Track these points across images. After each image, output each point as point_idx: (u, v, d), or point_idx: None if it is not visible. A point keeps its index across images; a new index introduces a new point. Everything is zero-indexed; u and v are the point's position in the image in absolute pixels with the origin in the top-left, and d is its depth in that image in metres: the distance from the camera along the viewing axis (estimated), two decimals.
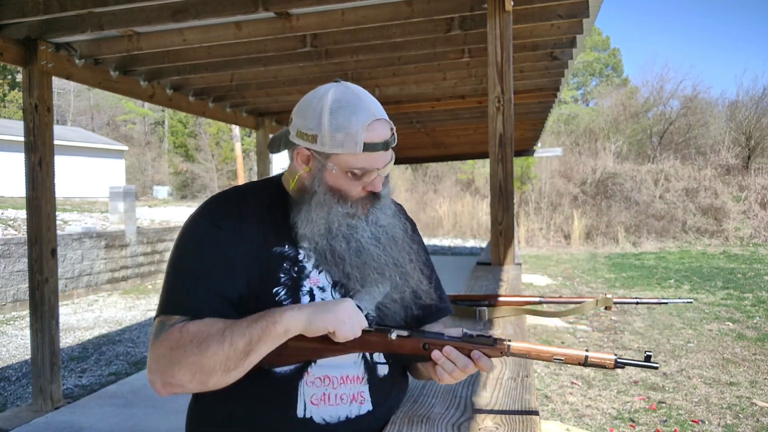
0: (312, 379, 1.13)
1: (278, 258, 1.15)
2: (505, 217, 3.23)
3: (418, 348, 1.10)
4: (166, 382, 1.03)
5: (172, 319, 1.07)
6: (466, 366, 1.09)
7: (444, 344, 1.09)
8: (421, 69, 5.80)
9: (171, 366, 1.02)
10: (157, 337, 1.05)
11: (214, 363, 1.00)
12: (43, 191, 4.29)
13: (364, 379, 1.17)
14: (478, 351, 1.09)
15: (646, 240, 19.28)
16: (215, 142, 32.72)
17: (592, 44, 33.82)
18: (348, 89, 1.14)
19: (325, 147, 1.11)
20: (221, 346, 1.01)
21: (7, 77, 29.50)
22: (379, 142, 1.11)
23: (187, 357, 1.01)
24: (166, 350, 1.03)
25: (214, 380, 1.02)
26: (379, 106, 1.16)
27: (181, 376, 1.01)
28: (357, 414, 1.15)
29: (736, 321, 7.75)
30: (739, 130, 23.31)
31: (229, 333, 1.02)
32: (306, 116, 1.14)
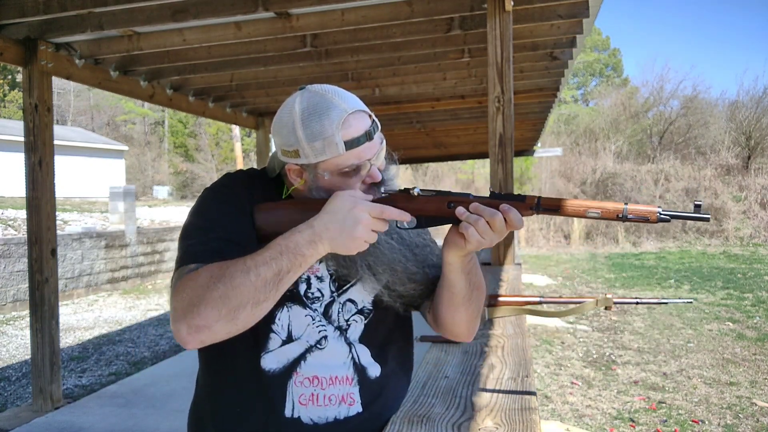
0: (300, 379, 1.12)
1: None
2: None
3: (443, 207, 1.05)
4: (192, 325, 0.95)
5: (188, 267, 1.02)
6: (493, 216, 1.00)
7: (470, 201, 1.03)
8: (421, 69, 5.80)
9: (196, 306, 0.95)
10: (176, 285, 1.01)
11: (242, 296, 0.95)
12: (43, 191, 4.29)
13: (353, 380, 1.16)
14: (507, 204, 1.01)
15: (646, 240, 19.29)
16: (215, 142, 32.73)
17: (592, 44, 33.83)
18: (313, 94, 1.11)
19: (309, 158, 1.10)
20: (247, 277, 0.96)
21: (7, 77, 29.50)
22: (360, 135, 1.09)
23: (212, 292, 0.95)
24: (189, 292, 0.97)
25: (244, 315, 0.96)
26: (351, 98, 1.12)
27: (208, 313, 0.94)
28: (346, 415, 1.14)
29: (736, 321, 7.75)
30: (739, 130, 23.31)
31: (252, 264, 0.97)
32: (282, 134, 1.12)
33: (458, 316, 1.18)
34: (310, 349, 1.15)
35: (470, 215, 1.01)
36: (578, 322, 7.66)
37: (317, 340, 1.15)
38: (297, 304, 1.15)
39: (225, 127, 29.37)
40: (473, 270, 1.14)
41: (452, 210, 1.03)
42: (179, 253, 1.08)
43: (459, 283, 1.13)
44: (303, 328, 1.15)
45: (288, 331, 1.14)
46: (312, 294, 1.15)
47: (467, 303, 1.16)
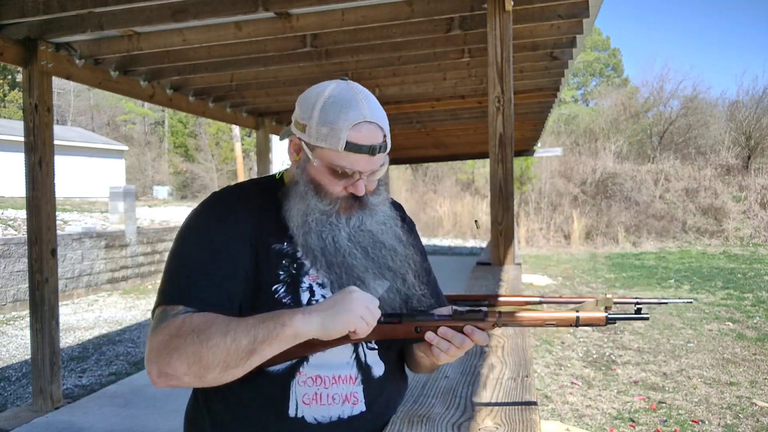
0: (304, 378, 1.12)
1: (277, 255, 1.15)
2: (505, 217, 3.23)
3: (411, 331, 1.10)
4: (162, 371, 0.99)
5: (175, 308, 1.04)
6: (462, 342, 1.08)
7: (436, 325, 1.09)
8: (421, 69, 5.80)
9: (169, 354, 0.98)
10: (158, 326, 1.02)
11: (213, 357, 0.97)
12: (43, 191, 4.29)
13: (357, 379, 1.16)
14: (471, 326, 1.09)
15: (646, 240, 19.29)
16: (215, 142, 32.73)
17: (592, 44, 33.83)
18: (349, 87, 1.14)
19: (311, 138, 1.12)
20: (224, 340, 0.97)
21: (7, 77, 29.50)
22: (364, 144, 1.10)
23: (187, 346, 0.97)
24: (166, 337, 0.99)
25: (212, 376, 0.99)
26: (378, 110, 1.14)
27: (178, 366, 0.97)
28: (350, 414, 1.15)
29: (736, 321, 7.75)
30: (739, 130, 23.31)
31: (233, 328, 0.99)
32: (302, 106, 1.15)
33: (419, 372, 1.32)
34: None
35: (440, 342, 1.08)
36: None
37: None
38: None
39: (225, 127, 29.37)
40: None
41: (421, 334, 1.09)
42: (165, 283, 1.10)
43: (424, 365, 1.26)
44: None
45: None
46: (316, 301, 1.14)
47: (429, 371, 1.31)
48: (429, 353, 1.12)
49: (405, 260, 1.21)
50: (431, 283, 1.34)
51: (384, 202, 1.22)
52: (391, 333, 1.10)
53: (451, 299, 2.06)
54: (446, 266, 11.63)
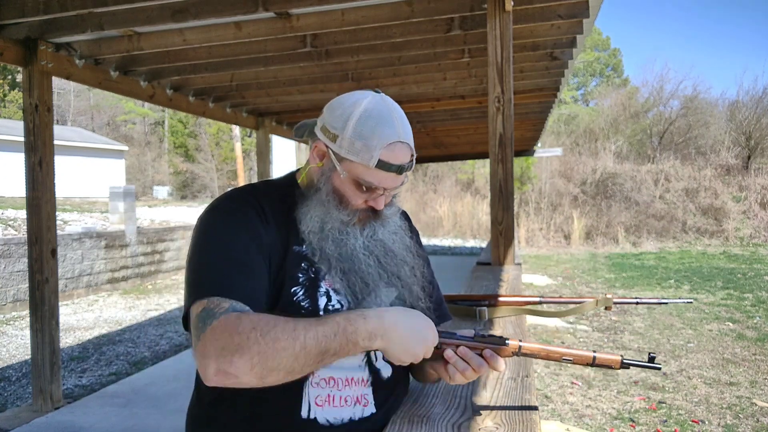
0: (317, 380, 1.13)
1: (297, 257, 1.15)
2: (505, 217, 3.23)
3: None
4: (221, 369, 0.94)
5: (221, 303, 0.99)
6: (480, 366, 1.08)
7: (458, 344, 1.10)
8: (421, 69, 5.80)
9: (231, 352, 0.93)
10: (208, 324, 0.96)
11: (280, 360, 0.94)
12: (43, 191, 4.29)
13: (368, 381, 1.17)
14: (490, 350, 1.09)
15: (646, 240, 19.28)
16: (215, 142, 32.73)
17: (593, 44, 33.83)
18: (385, 103, 1.14)
19: (341, 150, 1.12)
20: (293, 345, 0.95)
21: (7, 77, 29.50)
22: (395, 164, 1.11)
23: (251, 345, 0.93)
24: (226, 335, 0.94)
25: (274, 378, 0.96)
26: (408, 128, 1.15)
27: (241, 365, 0.93)
28: (360, 416, 1.15)
29: (736, 321, 7.75)
30: (739, 130, 23.31)
31: (302, 332, 0.96)
32: (335, 114, 1.14)
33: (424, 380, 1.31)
34: None
35: (458, 361, 1.10)
36: (578, 322, 7.66)
37: None
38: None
39: (225, 127, 29.38)
40: None
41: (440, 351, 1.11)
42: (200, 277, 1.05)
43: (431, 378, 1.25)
44: None
45: None
46: (332, 306, 1.14)
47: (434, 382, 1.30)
48: (443, 371, 1.13)
49: (413, 271, 1.23)
50: (434, 292, 1.35)
51: (396, 213, 1.24)
52: None
53: (451, 299, 2.07)
54: (446, 266, 11.63)
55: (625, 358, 1.09)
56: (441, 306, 1.37)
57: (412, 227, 1.37)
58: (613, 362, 1.10)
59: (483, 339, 1.11)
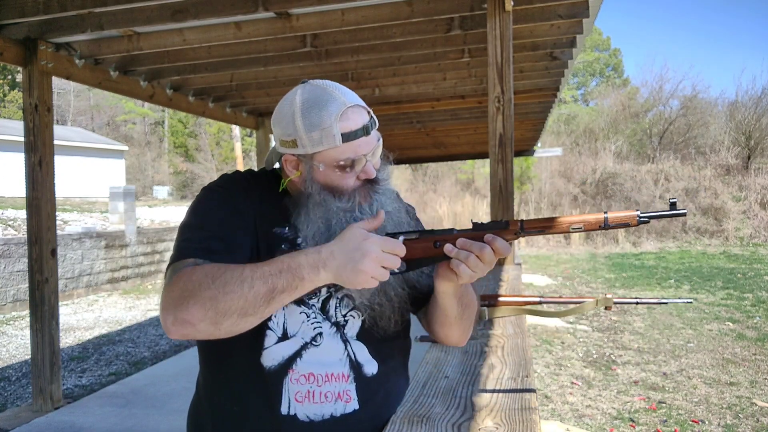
0: (297, 376, 1.13)
1: (278, 239, 1.16)
2: (505, 217, 3.23)
3: (430, 247, 1.07)
4: (177, 317, 0.97)
5: (185, 262, 1.04)
6: (482, 249, 1.02)
7: (455, 237, 1.06)
8: (421, 69, 5.80)
9: (185, 300, 0.97)
10: (170, 280, 1.02)
11: (231, 303, 0.96)
12: (43, 191, 4.28)
13: (350, 377, 1.16)
14: (491, 234, 1.04)
15: (646, 240, 19.28)
16: (215, 142, 32.74)
17: (593, 44, 33.83)
18: (314, 86, 1.14)
19: (306, 148, 1.11)
20: (241, 287, 0.97)
21: (7, 77, 29.50)
22: (357, 128, 1.10)
23: (202, 291, 0.96)
24: (180, 286, 0.99)
25: (228, 322, 0.98)
26: (350, 93, 1.14)
27: (195, 311, 0.96)
28: (342, 413, 1.15)
29: (736, 321, 7.75)
30: (739, 130, 23.30)
31: (249, 275, 0.98)
32: (281, 124, 1.14)
33: (451, 332, 1.24)
34: (305, 346, 1.15)
35: (460, 252, 1.03)
36: (578, 322, 7.66)
37: (312, 337, 1.15)
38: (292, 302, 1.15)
39: (225, 127, 29.39)
40: (465, 292, 1.19)
41: (440, 249, 1.05)
42: (175, 248, 1.10)
43: (451, 307, 1.18)
44: (298, 326, 1.15)
45: (283, 329, 1.15)
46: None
47: (459, 322, 1.21)
48: (449, 273, 1.07)
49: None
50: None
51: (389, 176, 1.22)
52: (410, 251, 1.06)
53: None
54: None
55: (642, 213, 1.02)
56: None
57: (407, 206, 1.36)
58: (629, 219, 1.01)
59: (482, 225, 1.06)
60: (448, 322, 1.21)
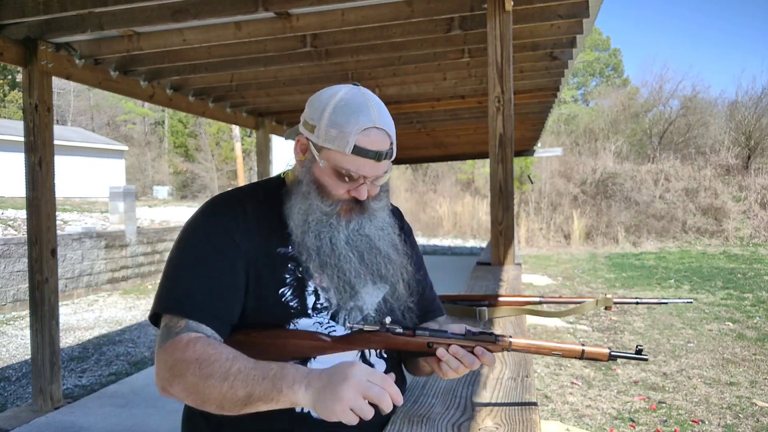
0: None
1: (282, 259, 1.15)
2: (505, 217, 3.23)
3: (423, 346, 1.12)
4: (165, 389, 1.04)
5: (179, 323, 1.07)
6: (472, 363, 1.10)
7: (449, 343, 1.11)
8: (421, 69, 5.80)
9: (173, 378, 1.02)
10: (164, 343, 1.06)
11: (210, 395, 1.00)
12: (43, 191, 4.28)
13: None
14: (482, 347, 1.11)
15: (646, 240, 19.28)
16: (215, 142, 32.73)
17: (593, 44, 33.82)
18: (360, 93, 1.15)
19: (319, 139, 1.13)
20: (222, 384, 0.98)
21: (7, 77, 29.50)
22: (371, 149, 1.11)
23: (187, 377, 1.01)
24: (171, 360, 1.03)
25: (208, 408, 1.03)
26: (387, 118, 1.15)
27: (179, 391, 1.02)
28: None
29: (736, 321, 7.75)
30: (739, 130, 23.30)
31: (234, 374, 0.99)
32: (313, 107, 1.16)
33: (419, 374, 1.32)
34: None
35: (451, 359, 1.10)
36: (578, 322, 7.66)
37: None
38: (303, 317, 1.16)
39: (225, 127, 29.38)
40: None
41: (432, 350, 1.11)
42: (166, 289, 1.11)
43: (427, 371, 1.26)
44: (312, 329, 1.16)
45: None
46: (321, 305, 1.16)
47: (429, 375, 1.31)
48: (436, 367, 1.14)
49: (397, 269, 1.22)
50: (426, 291, 1.36)
51: (384, 208, 1.23)
52: (404, 345, 1.12)
53: (451, 299, 2.07)
54: (446, 266, 11.63)
55: (612, 351, 1.12)
56: (433, 304, 1.37)
57: (404, 225, 1.36)
58: (600, 355, 1.12)
59: (474, 336, 1.12)
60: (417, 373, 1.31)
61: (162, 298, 1.11)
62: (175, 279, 1.12)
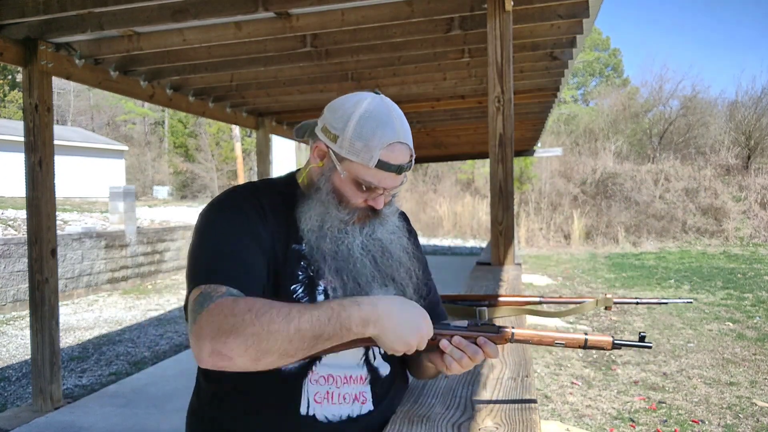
0: (316, 377, 1.14)
1: (297, 255, 1.16)
2: (505, 217, 3.23)
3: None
4: (215, 349, 0.94)
5: (218, 288, 1.00)
6: (475, 353, 1.09)
7: (452, 334, 1.11)
8: (421, 69, 5.80)
9: (226, 333, 0.94)
10: (205, 307, 0.98)
11: (274, 342, 0.94)
12: (43, 191, 4.29)
13: (366, 379, 1.18)
14: (484, 337, 1.11)
15: (646, 240, 19.28)
16: (215, 142, 32.73)
17: (593, 44, 33.83)
18: (384, 104, 1.15)
19: (342, 150, 1.13)
20: (287, 326, 0.95)
21: (7, 77, 29.49)
22: (395, 164, 1.12)
23: (246, 327, 0.94)
24: (221, 317, 0.95)
25: (268, 361, 0.96)
26: (408, 130, 1.16)
27: (235, 346, 0.94)
28: (359, 413, 1.17)
29: (736, 321, 7.75)
30: (739, 130, 23.30)
31: (296, 316, 0.96)
32: (336, 115, 1.15)
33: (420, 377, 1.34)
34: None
35: (454, 350, 1.10)
36: (578, 322, 7.66)
37: None
38: None
39: (225, 127, 29.38)
40: None
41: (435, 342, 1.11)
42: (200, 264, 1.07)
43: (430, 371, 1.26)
44: None
45: None
46: None
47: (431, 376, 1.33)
48: (440, 362, 1.13)
49: (408, 273, 1.23)
50: (430, 296, 1.36)
51: (394, 213, 1.25)
52: None
53: (451, 299, 2.07)
54: (446, 266, 11.63)
55: (616, 340, 1.11)
56: (437, 308, 1.38)
57: (411, 228, 1.37)
58: (604, 343, 1.11)
59: (477, 328, 1.13)
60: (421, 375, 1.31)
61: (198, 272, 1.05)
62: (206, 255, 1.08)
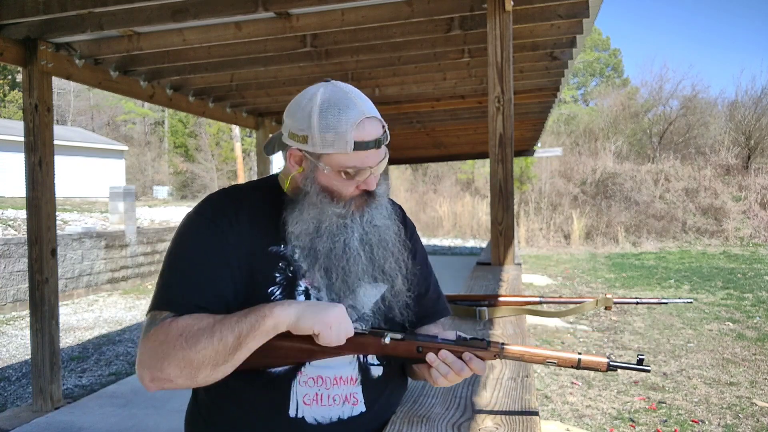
0: (305, 379, 1.13)
1: (274, 257, 1.15)
2: (505, 217, 3.23)
3: (412, 351, 1.11)
4: (154, 376, 1.03)
5: (162, 314, 1.06)
6: (461, 369, 1.09)
7: (438, 347, 1.10)
8: (421, 69, 5.80)
9: (160, 360, 1.01)
10: (147, 332, 1.05)
11: (203, 357, 1.00)
12: (43, 191, 4.29)
13: (357, 380, 1.16)
14: (470, 353, 1.09)
15: (646, 240, 19.28)
16: (215, 142, 32.73)
17: (593, 44, 33.83)
18: (337, 88, 1.13)
19: (316, 147, 1.11)
20: (211, 341, 1.00)
21: (7, 77, 29.49)
22: (370, 140, 1.10)
23: (176, 351, 1.00)
24: (156, 344, 1.02)
25: (203, 375, 1.02)
26: (370, 103, 1.14)
27: (170, 371, 1.01)
28: (350, 415, 1.15)
29: (736, 321, 7.75)
30: (739, 130, 23.30)
31: (219, 327, 1.02)
32: (296, 117, 1.13)
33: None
34: None
35: (440, 365, 1.09)
36: (578, 322, 7.66)
37: None
38: None
39: (225, 127, 29.37)
40: None
41: (422, 354, 1.10)
42: (157, 289, 1.12)
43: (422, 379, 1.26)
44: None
45: None
46: None
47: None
48: (427, 374, 1.13)
49: (398, 262, 1.21)
50: (430, 291, 1.34)
51: (385, 193, 1.23)
52: (393, 350, 1.11)
53: (451, 299, 2.07)
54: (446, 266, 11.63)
55: (612, 361, 1.06)
56: (439, 301, 1.36)
57: (406, 220, 1.35)
58: (599, 365, 1.06)
59: (464, 342, 1.10)
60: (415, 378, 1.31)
61: (154, 297, 1.11)
62: (166, 278, 1.12)
